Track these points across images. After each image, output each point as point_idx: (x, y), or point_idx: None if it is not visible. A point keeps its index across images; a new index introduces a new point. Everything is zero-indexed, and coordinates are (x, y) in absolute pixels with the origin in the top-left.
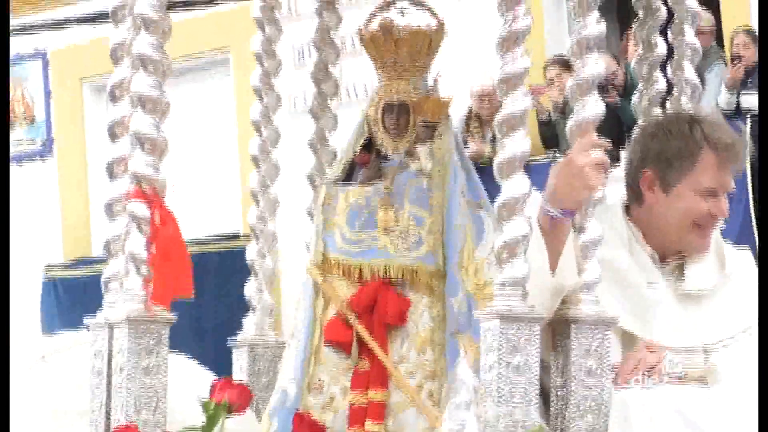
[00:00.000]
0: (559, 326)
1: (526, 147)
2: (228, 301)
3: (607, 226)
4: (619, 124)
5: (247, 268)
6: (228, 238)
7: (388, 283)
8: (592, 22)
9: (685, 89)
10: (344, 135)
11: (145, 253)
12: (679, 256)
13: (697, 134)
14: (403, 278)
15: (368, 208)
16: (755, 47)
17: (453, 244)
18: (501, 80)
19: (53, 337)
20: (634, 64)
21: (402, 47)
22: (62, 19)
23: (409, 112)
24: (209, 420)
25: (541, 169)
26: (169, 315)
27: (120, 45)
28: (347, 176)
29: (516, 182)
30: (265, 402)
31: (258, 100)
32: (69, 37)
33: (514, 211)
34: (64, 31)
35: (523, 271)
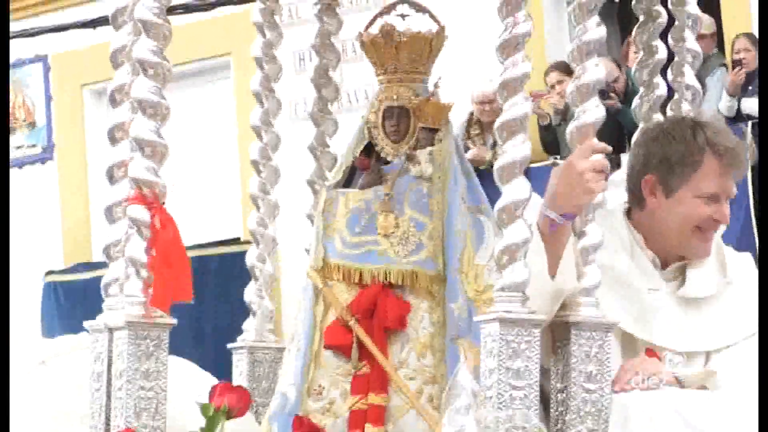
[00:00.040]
0: (559, 331)
1: (526, 152)
2: (228, 305)
3: (608, 230)
4: (620, 129)
5: (247, 273)
6: (228, 242)
7: (388, 288)
8: (592, 27)
9: (686, 94)
10: (345, 140)
11: (145, 257)
12: (680, 261)
13: (699, 139)
14: (403, 283)
15: (368, 212)
16: (756, 52)
17: (453, 249)
18: (501, 85)
19: (53, 340)
20: (635, 69)
21: (402, 52)
22: (63, 24)
23: (409, 116)
24: (208, 423)
25: (541, 173)
26: (169, 319)
27: (120, 49)
28: (348, 181)
29: (516, 187)
30: (265, 406)
31: (258, 105)
32: (69, 42)
33: (514, 215)
34: (65, 36)
35: (523, 276)
